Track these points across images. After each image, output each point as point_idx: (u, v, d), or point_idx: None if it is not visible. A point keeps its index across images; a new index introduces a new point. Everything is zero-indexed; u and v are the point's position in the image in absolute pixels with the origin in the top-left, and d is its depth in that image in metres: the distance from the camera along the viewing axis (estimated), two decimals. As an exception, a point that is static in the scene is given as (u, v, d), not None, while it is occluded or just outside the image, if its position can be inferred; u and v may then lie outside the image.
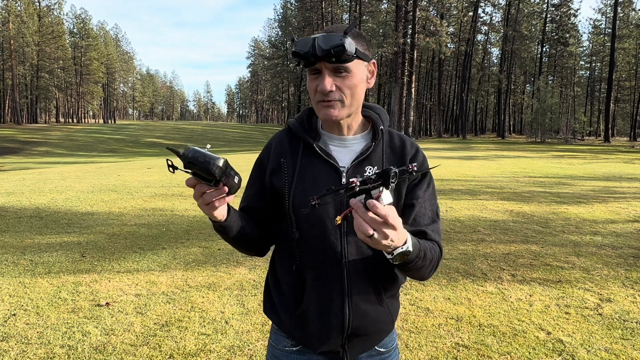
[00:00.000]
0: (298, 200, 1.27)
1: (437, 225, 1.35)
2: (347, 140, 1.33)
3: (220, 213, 1.14)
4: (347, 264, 1.26)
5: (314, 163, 1.30)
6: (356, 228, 1.01)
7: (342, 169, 1.28)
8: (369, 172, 1.23)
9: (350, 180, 1.00)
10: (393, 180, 0.98)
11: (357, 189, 0.98)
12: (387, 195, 1.00)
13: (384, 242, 1.02)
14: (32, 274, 4.66)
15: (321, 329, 1.29)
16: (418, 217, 1.31)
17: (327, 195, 1.04)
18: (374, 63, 1.29)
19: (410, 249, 1.11)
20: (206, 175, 1.02)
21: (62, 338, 3.31)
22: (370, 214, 0.98)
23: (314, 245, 1.27)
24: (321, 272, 1.27)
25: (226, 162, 1.04)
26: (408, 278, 1.36)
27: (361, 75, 1.24)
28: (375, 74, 1.30)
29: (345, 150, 1.32)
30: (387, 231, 1.01)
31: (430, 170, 1.33)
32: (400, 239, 1.05)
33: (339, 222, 1.02)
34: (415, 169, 1.05)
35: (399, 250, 1.08)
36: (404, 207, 1.31)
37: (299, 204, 1.26)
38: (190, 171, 1.03)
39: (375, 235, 1.00)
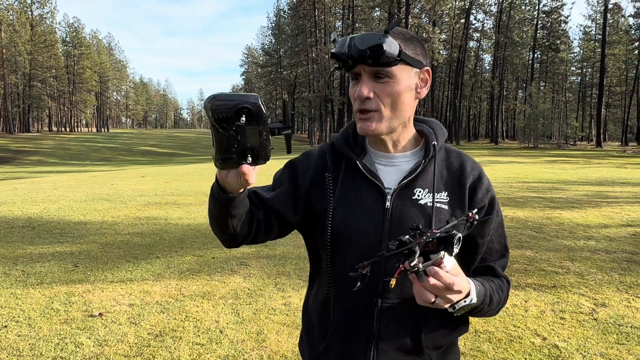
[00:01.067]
0: (337, 223, 1.13)
1: (506, 260, 1.22)
2: (395, 157, 1.17)
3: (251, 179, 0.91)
4: (379, 302, 1.11)
5: (357, 183, 1.15)
6: (416, 294, 0.93)
7: (387, 190, 1.13)
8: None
9: (406, 242, 0.89)
10: (457, 246, 0.89)
11: (417, 257, 0.87)
12: (449, 261, 0.91)
13: (447, 305, 0.95)
14: (24, 284, 4.60)
15: None
16: (485, 254, 1.18)
17: (379, 261, 0.94)
18: (428, 71, 1.13)
19: (475, 300, 1.00)
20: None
21: (54, 350, 3.26)
22: (432, 281, 0.89)
23: (346, 276, 1.08)
24: (350, 308, 1.13)
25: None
26: None
27: (407, 82, 1.08)
28: (429, 83, 1.13)
29: (392, 169, 1.16)
30: (451, 296, 0.93)
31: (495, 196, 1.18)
32: (463, 293, 0.96)
33: (394, 284, 0.92)
34: (477, 217, 0.94)
35: (462, 304, 0.98)
36: (470, 247, 1.14)
37: (338, 227, 1.13)
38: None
39: (438, 301, 0.93)
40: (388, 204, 1.12)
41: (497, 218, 1.19)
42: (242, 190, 1.00)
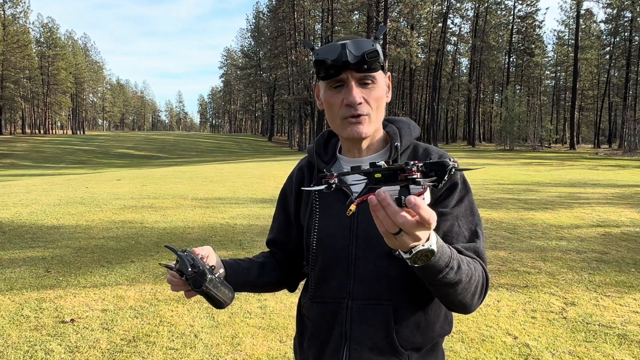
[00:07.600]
0: (310, 230, 1.20)
1: (477, 246, 1.10)
2: (363, 162, 1.17)
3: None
4: (349, 302, 1.13)
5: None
6: (377, 221, 0.77)
7: (354, 194, 1.15)
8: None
9: (391, 164, 0.79)
10: (446, 178, 0.74)
11: (404, 178, 0.75)
12: (428, 195, 0.77)
13: (410, 243, 0.78)
14: (-7, 291, 4.49)
15: None
16: (452, 238, 1.09)
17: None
18: (389, 76, 1.17)
19: (434, 248, 0.84)
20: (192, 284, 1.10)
21: (23, 357, 3.20)
22: (404, 214, 0.74)
23: (320, 277, 1.18)
24: (324, 309, 1.17)
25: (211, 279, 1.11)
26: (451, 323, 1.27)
27: (384, 86, 1.13)
28: (390, 88, 1.17)
29: None
30: (420, 233, 0.76)
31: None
32: (425, 236, 0.81)
33: (352, 211, 0.81)
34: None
35: (419, 247, 0.82)
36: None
37: (311, 234, 1.19)
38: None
39: (403, 236, 0.76)
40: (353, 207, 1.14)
41: (467, 201, 1.14)
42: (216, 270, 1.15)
